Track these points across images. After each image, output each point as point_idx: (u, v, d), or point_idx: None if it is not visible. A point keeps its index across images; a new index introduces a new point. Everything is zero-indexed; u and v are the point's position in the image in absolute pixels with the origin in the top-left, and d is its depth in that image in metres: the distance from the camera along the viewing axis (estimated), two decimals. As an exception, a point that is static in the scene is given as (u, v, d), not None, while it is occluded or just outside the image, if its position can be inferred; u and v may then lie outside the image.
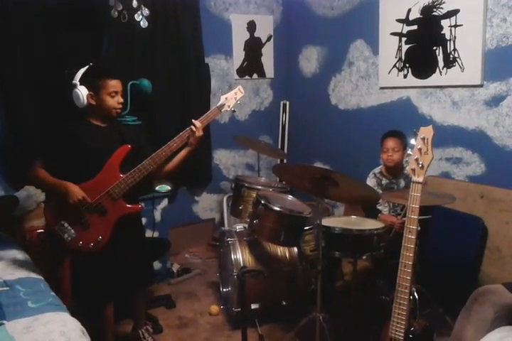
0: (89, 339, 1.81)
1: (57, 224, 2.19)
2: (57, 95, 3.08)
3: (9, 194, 3.03)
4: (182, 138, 2.26)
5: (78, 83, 2.21)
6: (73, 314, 1.92)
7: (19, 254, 2.50)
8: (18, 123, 3.12)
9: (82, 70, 2.26)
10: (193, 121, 2.29)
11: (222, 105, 2.39)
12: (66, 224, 2.19)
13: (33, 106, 3.15)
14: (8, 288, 2.08)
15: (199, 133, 2.28)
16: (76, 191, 2.11)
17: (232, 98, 2.42)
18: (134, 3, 2.71)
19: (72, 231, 2.18)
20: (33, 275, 2.27)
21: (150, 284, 2.79)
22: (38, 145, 3.12)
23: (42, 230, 2.83)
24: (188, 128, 2.28)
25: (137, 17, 2.78)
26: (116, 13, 2.80)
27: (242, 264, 2.77)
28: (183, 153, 2.33)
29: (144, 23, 2.80)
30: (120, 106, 2.25)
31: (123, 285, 2.35)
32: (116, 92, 2.22)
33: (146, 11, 2.78)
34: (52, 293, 2.08)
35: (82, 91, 2.19)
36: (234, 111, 2.48)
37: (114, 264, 2.28)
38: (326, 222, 2.46)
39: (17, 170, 3.12)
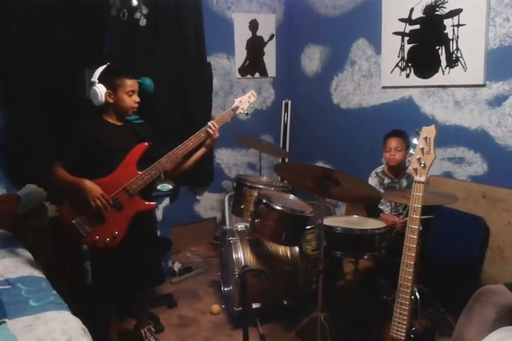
0: (91, 338, 1.81)
1: (74, 218, 2.19)
2: (59, 93, 3.09)
3: (11, 192, 3.03)
4: (198, 137, 2.30)
5: (97, 81, 2.24)
6: (74, 312, 1.92)
7: (21, 252, 2.49)
8: (19, 121, 3.12)
9: (100, 69, 2.28)
10: (209, 123, 2.31)
11: (237, 107, 2.46)
12: (83, 219, 2.19)
13: (35, 104, 3.15)
14: (9, 287, 2.07)
15: (216, 135, 2.32)
16: (95, 189, 2.12)
17: (245, 101, 2.50)
18: (134, 2, 2.72)
19: (89, 226, 2.19)
20: (35, 273, 2.26)
21: (161, 283, 2.70)
22: (39, 143, 3.13)
23: (44, 228, 2.83)
24: (203, 128, 2.31)
25: (137, 15, 2.80)
26: (115, 11, 2.80)
27: (243, 263, 2.78)
28: (198, 153, 2.36)
29: (142, 22, 2.81)
30: (137, 105, 2.29)
31: (134, 283, 2.35)
32: (133, 91, 2.26)
33: (145, 10, 2.80)
34: (54, 292, 2.08)
35: (101, 89, 2.21)
36: (247, 113, 2.55)
37: (127, 261, 2.28)
38: (328, 221, 2.46)
39: (19, 168, 3.12)
